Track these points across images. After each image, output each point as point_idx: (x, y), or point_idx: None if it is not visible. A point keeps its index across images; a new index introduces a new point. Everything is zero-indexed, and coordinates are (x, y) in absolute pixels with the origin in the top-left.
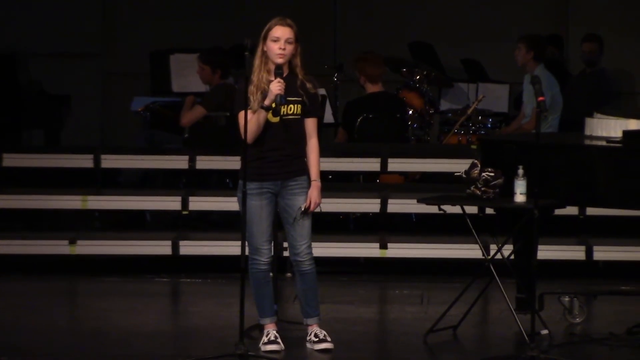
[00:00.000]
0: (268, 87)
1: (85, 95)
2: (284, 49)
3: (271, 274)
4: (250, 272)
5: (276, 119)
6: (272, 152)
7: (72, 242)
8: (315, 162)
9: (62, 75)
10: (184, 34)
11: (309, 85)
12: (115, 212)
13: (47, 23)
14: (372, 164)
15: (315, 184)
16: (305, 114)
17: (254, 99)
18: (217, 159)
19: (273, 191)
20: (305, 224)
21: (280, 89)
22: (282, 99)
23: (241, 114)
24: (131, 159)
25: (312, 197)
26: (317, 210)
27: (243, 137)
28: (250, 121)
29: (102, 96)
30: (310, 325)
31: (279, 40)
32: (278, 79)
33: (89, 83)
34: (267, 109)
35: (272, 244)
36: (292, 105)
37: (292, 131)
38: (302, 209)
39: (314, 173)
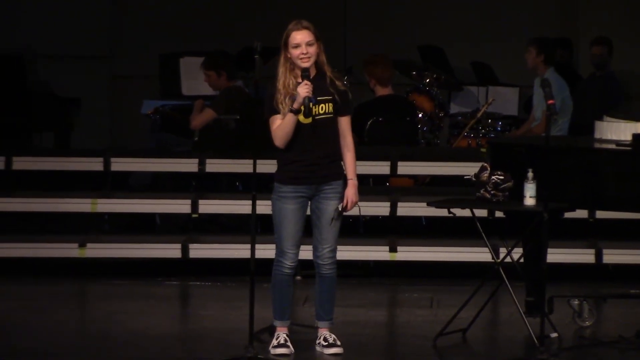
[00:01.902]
0: (296, 91)
1: (95, 98)
2: (307, 53)
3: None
4: (273, 274)
5: (308, 120)
6: (306, 154)
7: (82, 245)
8: (351, 160)
9: (72, 78)
10: (194, 37)
11: (338, 82)
12: (125, 215)
13: (57, 25)
14: (381, 167)
15: (352, 183)
16: (338, 112)
17: (283, 106)
18: (227, 162)
19: (307, 195)
20: (333, 228)
21: (307, 92)
22: (310, 101)
23: (271, 119)
24: (141, 162)
25: (349, 196)
26: (355, 212)
27: (275, 142)
28: (280, 126)
29: (111, 99)
30: (321, 328)
31: (300, 45)
32: (305, 82)
33: (99, 86)
34: (296, 112)
35: (299, 250)
36: (323, 105)
37: (325, 131)
38: (340, 209)
39: (350, 172)
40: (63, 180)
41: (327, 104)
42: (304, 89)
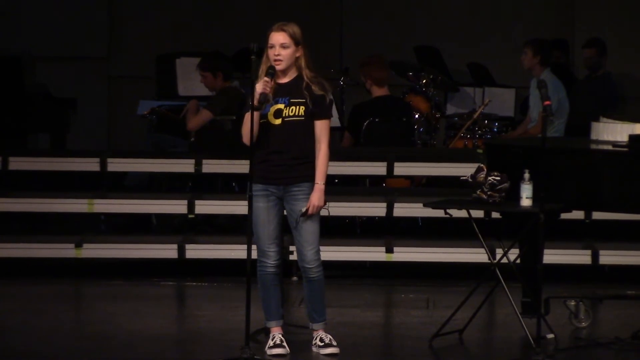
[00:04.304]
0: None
1: (91, 99)
2: (279, 55)
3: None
4: (258, 275)
5: (278, 121)
6: (275, 154)
7: (78, 245)
8: (321, 164)
9: (68, 79)
10: (190, 38)
11: (314, 87)
12: (121, 216)
13: (54, 27)
14: (378, 168)
15: (317, 187)
16: (312, 115)
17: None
18: (223, 162)
19: (277, 194)
20: (311, 230)
21: (263, 88)
22: (266, 98)
23: (245, 116)
24: (137, 163)
25: (312, 200)
26: (325, 213)
27: (243, 138)
28: (246, 123)
29: (108, 100)
30: (316, 330)
31: (274, 46)
32: (265, 79)
33: (95, 86)
34: (256, 108)
35: (280, 247)
36: (294, 107)
37: (294, 133)
38: (302, 212)
39: (318, 175)
40: (59, 181)
41: (298, 107)
42: (260, 86)
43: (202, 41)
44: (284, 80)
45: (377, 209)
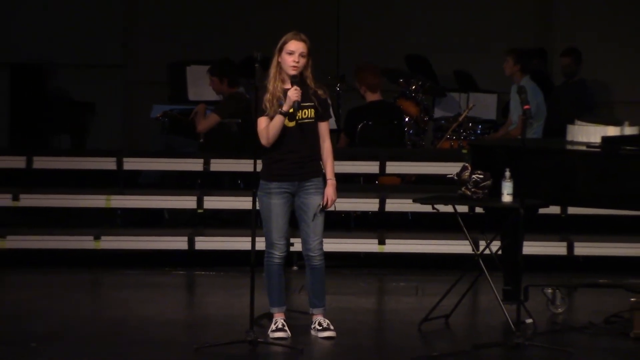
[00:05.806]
0: (283, 95)
1: (108, 103)
2: (297, 62)
3: None
4: (265, 265)
5: (292, 124)
6: (290, 154)
7: (97, 237)
8: (330, 162)
9: (87, 85)
10: (200, 47)
11: (320, 91)
12: (136, 211)
13: (74, 37)
14: (371, 167)
15: (331, 182)
16: (319, 117)
17: (270, 106)
18: (229, 162)
19: (290, 191)
20: (319, 222)
21: (297, 96)
22: (299, 105)
23: (259, 120)
24: (151, 162)
25: (329, 194)
26: (332, 208)
27: (261, 141)
28: (269, 127)
29: (124, 104)
30: (316, 314)
31: (294, 53)
32: (295, 87)
33: (112, 92)
34: (285, 114)
35: (286, 240)
36: (306, 110)
37: (307, 134)
38: (321, 206)
39: (329, 172)
40: (79, 179)
41: (309, 110)
42: (294, 94)
43: (211, 50)
44: (290, 85)
45: (370, 205)
